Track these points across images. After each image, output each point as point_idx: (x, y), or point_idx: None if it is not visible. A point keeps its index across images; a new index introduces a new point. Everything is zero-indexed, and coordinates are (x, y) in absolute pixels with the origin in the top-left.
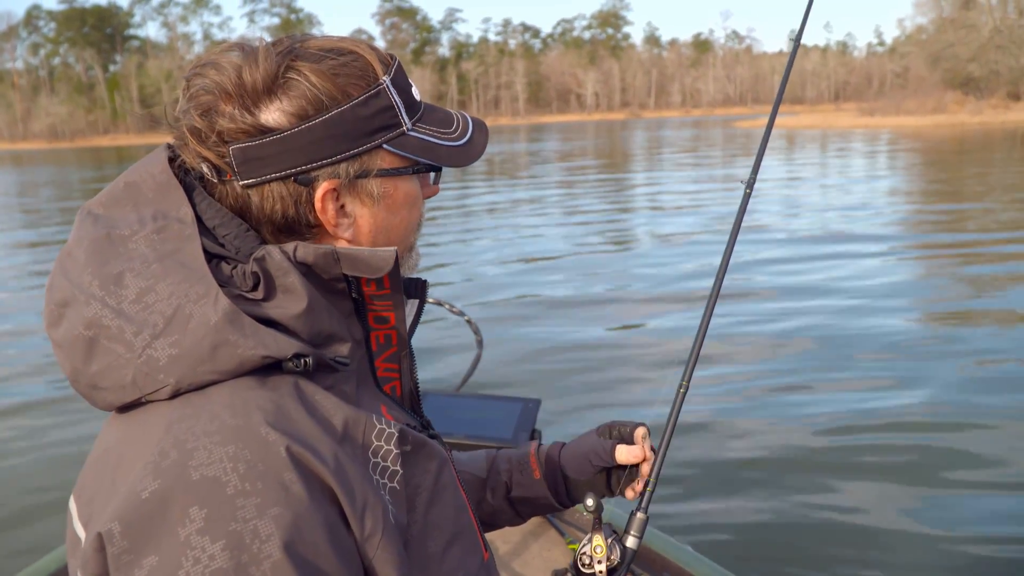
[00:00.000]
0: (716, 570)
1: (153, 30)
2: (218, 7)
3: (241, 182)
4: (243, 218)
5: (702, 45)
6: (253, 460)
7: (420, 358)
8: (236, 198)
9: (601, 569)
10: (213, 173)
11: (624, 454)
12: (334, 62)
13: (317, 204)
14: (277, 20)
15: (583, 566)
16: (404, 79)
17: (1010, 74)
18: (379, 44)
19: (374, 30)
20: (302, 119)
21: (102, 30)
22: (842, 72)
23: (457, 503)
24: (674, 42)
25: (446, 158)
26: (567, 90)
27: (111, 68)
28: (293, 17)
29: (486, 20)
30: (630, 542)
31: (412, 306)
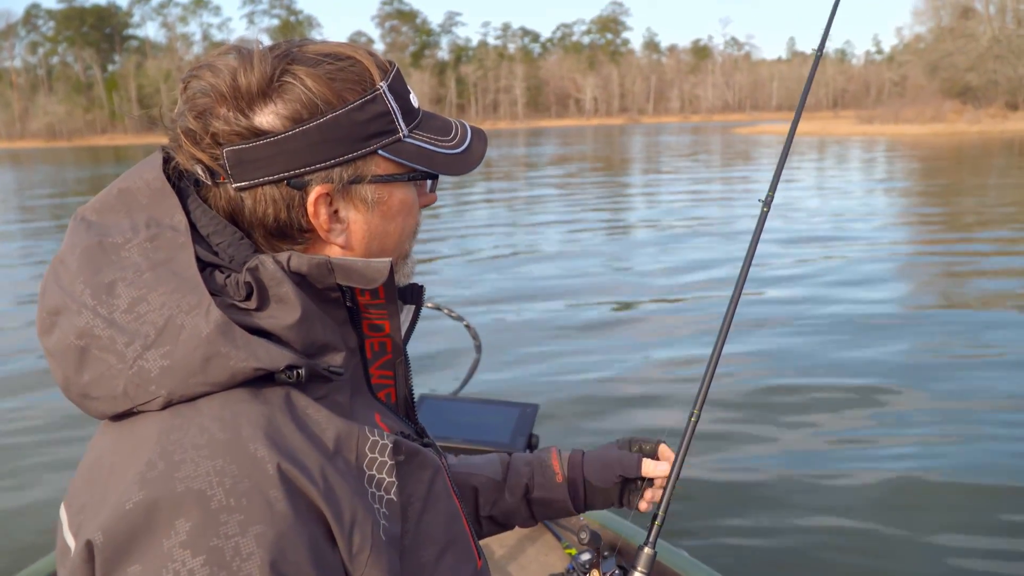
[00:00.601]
0: None
1: (152, 30)
2: (217, 8)
3: (234, 184)
4: (236, 222)
5: (701, 51)
6: (239, 476)
7: (418, 362)
8: (229, 201)
9: None
10: (207, 175)
11: (651, 468)
12: (331, 67)
13: (310, 208)
14: (276, 21)
15: None
16: (402, 85)
17: (1008, 84)
18: (378, 47)
19: (373, 33)
20: (296, 123)
21: (101, 30)
22: (840, 80)
23: (450, 511)
24: (673, 48)
25: (443, 166)
26: (566, 95)
27: (110, 68)
28: (292, 19)
29: (486, 24)
30: None
31: (408, 311)
